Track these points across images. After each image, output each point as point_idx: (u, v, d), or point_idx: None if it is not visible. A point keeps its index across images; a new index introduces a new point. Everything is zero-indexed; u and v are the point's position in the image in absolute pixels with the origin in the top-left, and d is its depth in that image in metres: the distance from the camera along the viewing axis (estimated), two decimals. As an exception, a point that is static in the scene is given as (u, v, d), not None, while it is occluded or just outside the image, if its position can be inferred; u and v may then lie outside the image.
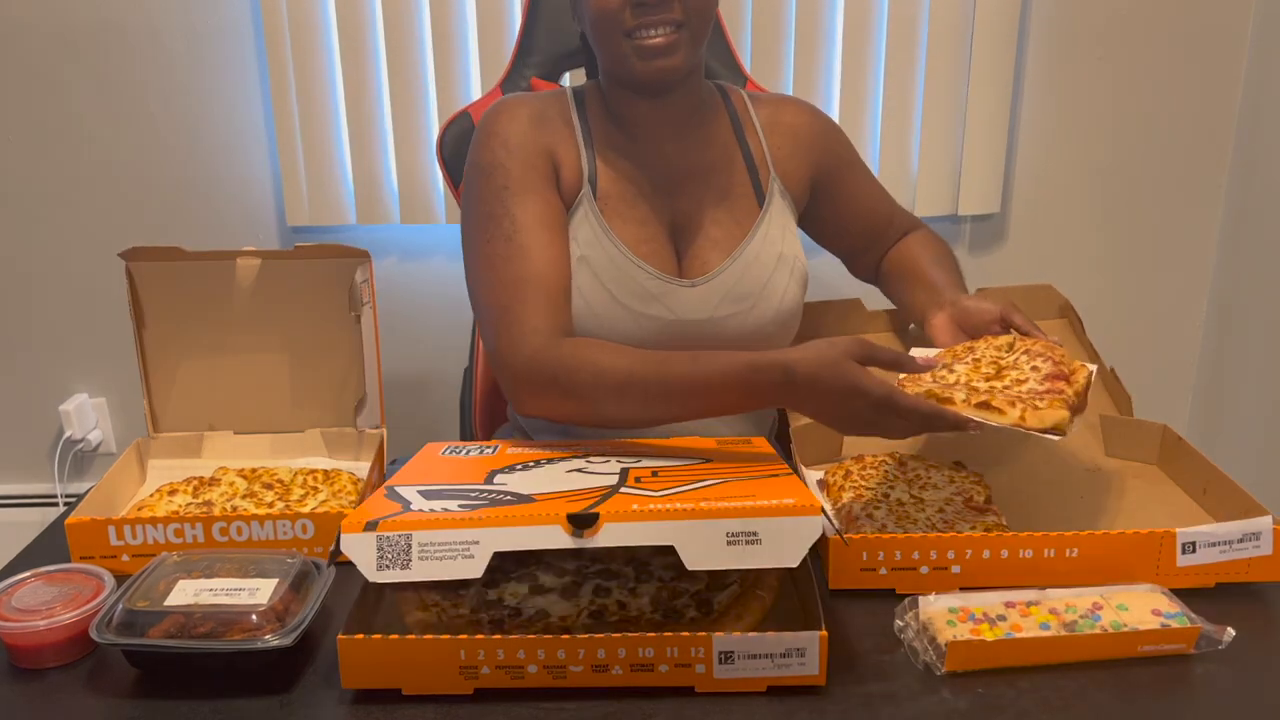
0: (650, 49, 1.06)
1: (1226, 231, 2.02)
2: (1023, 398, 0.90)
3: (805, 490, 0.82)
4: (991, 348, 1.04)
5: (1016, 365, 0.98)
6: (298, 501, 1.06)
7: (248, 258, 1.17)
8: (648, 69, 1.08)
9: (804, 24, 1.87)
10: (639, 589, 0.85)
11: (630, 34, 1.06)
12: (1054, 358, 0.97)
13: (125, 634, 0.79)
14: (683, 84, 1.13)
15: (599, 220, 1.13)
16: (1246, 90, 1.94)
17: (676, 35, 1.06)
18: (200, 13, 1.88)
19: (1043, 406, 0.88)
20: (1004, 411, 0.88)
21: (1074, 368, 0.97)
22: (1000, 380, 0.96)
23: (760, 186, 1.18)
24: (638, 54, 1.07)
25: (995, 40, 1.87)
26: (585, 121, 1.17)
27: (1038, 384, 0.93)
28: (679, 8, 1.05)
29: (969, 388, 0.94)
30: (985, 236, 2.05)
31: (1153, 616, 0.81)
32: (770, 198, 1.18)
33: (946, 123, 1.91)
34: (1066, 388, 0.92)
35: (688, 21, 1.06)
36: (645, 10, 1.05)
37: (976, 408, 0.89)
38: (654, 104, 1.14)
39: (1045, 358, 0.98)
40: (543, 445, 1.06)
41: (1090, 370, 0.98)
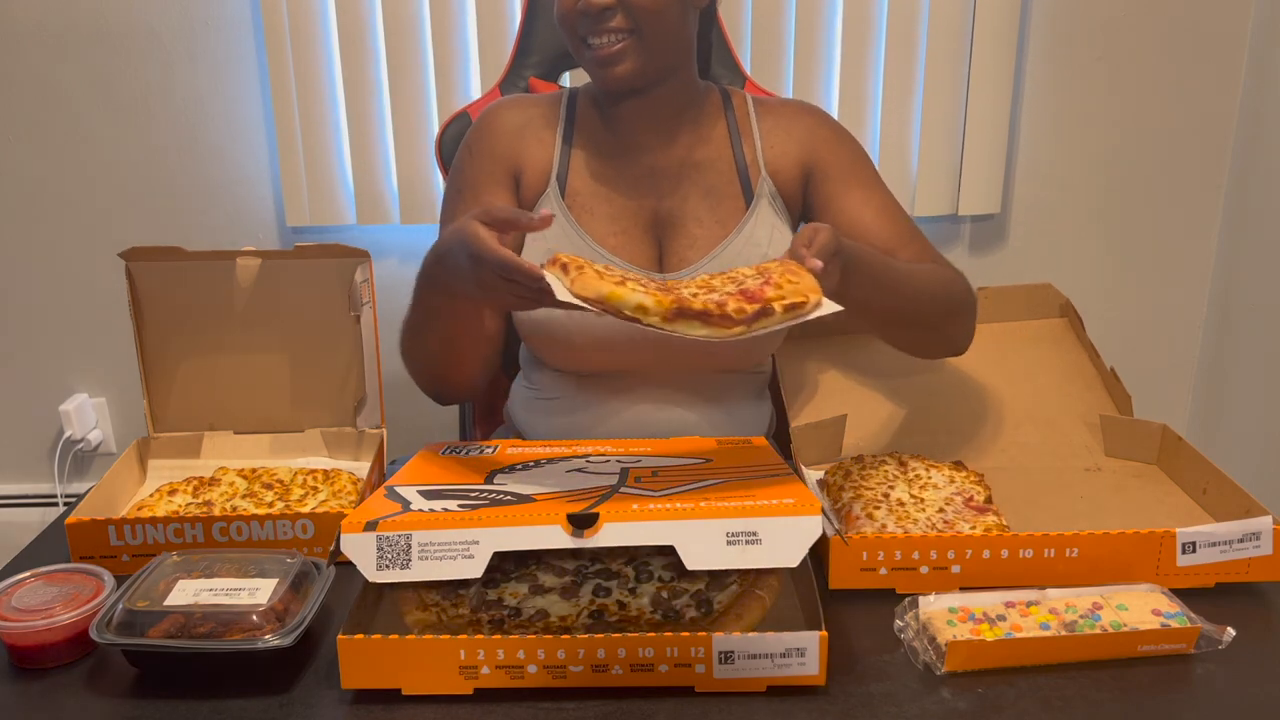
0: (600, 59, 1.09)
1: (1226, 231, 2.02)
2: (683, 295, 0.81)
3: (805, 490, 0.82)
4: None
5: (733, 279, 0.88)
6: (298, 501, 1.06)
7: (248, 258, 1.17)
8: (602, 77, 1.11)
9: (804, 24, 1.87)
10: (639, 589, 0.85)
11: (585, 40, 1.09)
12: (772, 279, 0.84)
13: (125, 634, 0.79)
14: (660, 85, 1.13)
15: (565, 215, 1.16)
16: (1246, 90, 1.94)
17: (625, 43, 1.08)
18: (200, 13, 1.88)
19: (694, 301, 0.80)
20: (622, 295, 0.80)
21: (778, 296, 0.82)
22: (701, 288, 0.87)
23: (749, 187, 1.18)
24: (592, 64, 1.11)
25: (995, 40, 1.87)
26: (571, 121, 1.20)
27: (722, 293, 0.84)
28: (624, 16, 1.06)
29: (655, 288, 0.84)
30: (985, 237, 2.05)
31: (1153, 616, 0.81)
32: (758, 199, 1.17)
33: (947, 123, 1.91)
34: (745, 304, 0.81)
35: (637, 28, 1.07)
36: (592, 20, 1.06)
37: (605, 282, 0.81)
38: (634, 103, 1.15)
39: (764, 278, 0.85)
40: (543, 445, 1.06)
41: (800, 304, 0.82)
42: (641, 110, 1.15)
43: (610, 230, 1.16)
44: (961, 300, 1.13)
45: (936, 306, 1.10)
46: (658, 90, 1.14)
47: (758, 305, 0.80)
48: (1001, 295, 1.31)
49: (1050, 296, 1.31)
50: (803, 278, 0.84)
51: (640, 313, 0.80)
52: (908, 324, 1.10)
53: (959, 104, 1.90)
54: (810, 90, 1.90)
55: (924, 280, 1.09)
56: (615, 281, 0.82)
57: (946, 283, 1.12)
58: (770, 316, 0.80)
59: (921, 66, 1.89)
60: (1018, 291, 1.31)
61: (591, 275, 0.83)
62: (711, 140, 1.19)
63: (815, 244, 0.88)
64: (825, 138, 1.20)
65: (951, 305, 1.12)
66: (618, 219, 1.16)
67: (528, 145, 1.19)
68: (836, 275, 0.90)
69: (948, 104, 1.90)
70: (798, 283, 0.83)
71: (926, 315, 1.10)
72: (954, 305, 1.12)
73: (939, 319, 1.12)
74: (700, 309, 0.80)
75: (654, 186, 1.17)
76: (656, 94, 1.14)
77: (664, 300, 0.80)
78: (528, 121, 1.20)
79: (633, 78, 1.10)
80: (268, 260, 1.17)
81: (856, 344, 1.29)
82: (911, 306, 1.07)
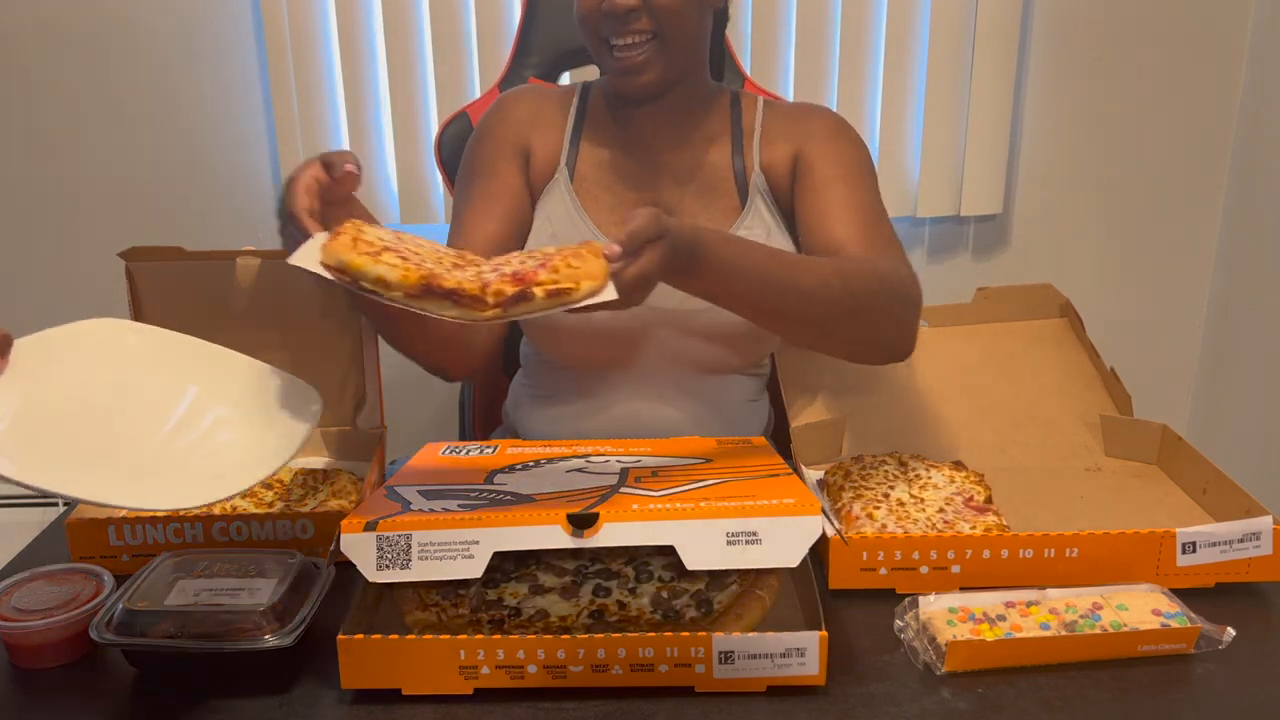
0: (624, 68, 1.09)
1: (1226, 232, 2.02)
2: (436, 272, 0.77)
3: (805, 490, 0.82)
4: None
5: (525, 258, 0.82)
6: (298, 501, 1.06)
7: (248, 258, 1.17)
8: (627, 87, 1.11)
9: (804, 24, 1.87)
10: (639, 589, 0.85)
11: (607, 42, 1.08)
12: (550, 262, 0.79)
13: (125, 634, 0.79)
14: (676, 88, 1.14)
15: (573, 199, 1.17)
16: (1246, 91, 1.94)
17: (648, 50, 1.08)
18: (200, 13, 1.88)
19: (446, 279, 0.76)
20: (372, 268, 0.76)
21: (550, 280, 0.77)
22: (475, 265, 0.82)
23: (745, 188, 1.18)
24: (615, 73, 1.11)
25: (996, 40, 1.87)
26: (583, 113, 1.21)
27: (498, 272, 0.79)
28: (648, 18, 1.06)
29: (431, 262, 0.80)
30: (988, 237, 2.05)
31: (1153, 616, 0.81)
32: (752, 198, 1.17)
33: (948, 124, 1.91)
34: (508, 287, 0.76)
35: (660, 30, 1.07)
36: (616, 21, 1.06)
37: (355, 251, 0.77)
38: (648, 106, 1.16)
39: (543, 260, 0.80)
40: (543, 445, 1.06)
41: (566, 290, 0.77)
42: (653, 112, 1.16)
43: (612, 220, 1.17)
44: (883, 300, 1.01)
45: (838, 304, 0.97)
46: (672, 93, 1.14)
47: (518, 288, 0.76)
48: (1002, 295, 1.31)
49: (1050, 297, 1.31)
50: (587, 262, 0.79)
51: (380, 286, 0.76)
52: (801, 321, 0.98)
53: (960, 104, 1.90)
54: (810, 90, 1.90)
55: (824, 275, 0.97)
56: (372, 251, 0.77)
57: (862, 278, 1.00)
58: (530, 302, 0.76)
59: (923, 67, 1.89)
60: (1018, 291, 1.31)
61: (346, 242, 0.78)
62: (714, 142, 1.19)
63: (626, 228, 0.82)
64: (821, 135, 1.17)
65: (867, 303, 1.00)
66: (619, 209, 1.17)
67: (539, 131, 1.20)
68: (657, 262, 0.82)
69: (949, 104, 1.90)
70: (578, 267, 0.78)
71: (825, 312, 0.97)
72: (869, 304, 1.00)
73: (844, 317, 0.99)
74: (450, 288, 0.75)
75: (655, 182, 1.18)
76: (670, 96, 1.15)
77: (410, 275, 0.76)
78: (540, 109, 1.21)
79: (657, 85, 1.11)
80: (268, 260, 1.17)
81: (856, 344, 1.29)
82: (797, 300, 0.95)
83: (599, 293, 0.78)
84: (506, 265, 0.80)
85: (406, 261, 0.77)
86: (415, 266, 0.77)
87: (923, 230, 2.05)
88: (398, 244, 0.82)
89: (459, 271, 0.78)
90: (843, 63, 1.89)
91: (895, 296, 1.03)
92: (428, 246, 0.85)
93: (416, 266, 0.77)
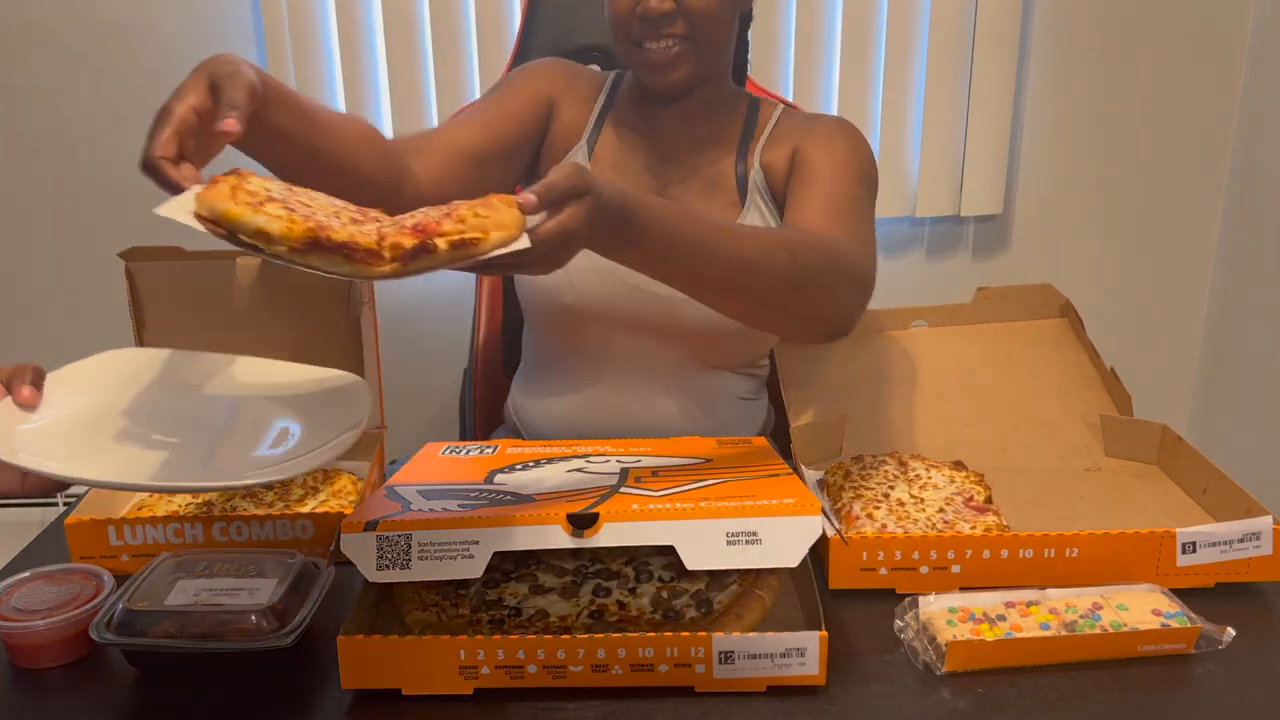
0: (656, 65, 1.09)
1: (1226, 231, 2.02)
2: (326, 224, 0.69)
3: (805, 490, 0.82)
4: None
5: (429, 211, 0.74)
6: (298, 501, 1.06)
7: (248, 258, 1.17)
8: (655, 83, 1.12)
9: (804, 24, 1.87)
10: (639, 589, 0.85)
11: (639, 43, 1.09)
12: (457, 212, 0.71)
13: (125, 634, 0.79)
14: (702, 88, 1.15)
15: None
16: (1246, 91, 1.94)
17: (682, 49, 1.08)
18: (200, 12, 1.88)
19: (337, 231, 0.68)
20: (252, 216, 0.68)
21: (455, 230, 0.70)
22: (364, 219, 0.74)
23: (745, 187, 1.18)
24: (645, 68, 1.11)
25: (996, 41, 1.87)
26: (613, 98, 1.22)
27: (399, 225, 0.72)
28: (683, 22, 1.07)
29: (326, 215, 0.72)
30: (988, 237, 2.05)
31: (1153, 616, 0.81)
32: (750, 195, 1.18)
33: (949, 124, 1.91)
34: (407, 239, 0.69)
35: (694, 33, 1.08)
36: (650, 25, 1.07)
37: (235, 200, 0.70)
38: (674, 104, 1.17)
39: (449, 210, 0.72)
40: (543, 445, 1.06)
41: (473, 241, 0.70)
42: (676, 111, 1.17)
43: None
44: (829, 278, 0.97)
45: (784, 277, 0.93)
46: (696, 93, 1.15)
47: (418, 240, 0.68)
48: (1002, 295, 1.31)
49: (1050, 297, 1.31)
50: (498, 211, 0.71)
51: (261, 239, 0.68)
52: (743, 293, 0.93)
53: (961, 105, 1.90)
54: (810, 90, 1.90)
55: (770, 246, 0.92)
56: (254, 201, 0.69)
57: (809, 251, 0.96)
58: (432, 255, 0.69)
59: (923, 67, 1.89)
60: (1018, 291, 1.31)
61: (224, 190, 0.70)
62: (724, 144, 1.20)
63: (547, 180, 0.75)
64: (821, 134, 1.16)
65: (813, 279, 0.95)
66: None
67: (571, 98, 1.22)
68: (581, 218, 0.75)
69: (949, 105, 1.90)
70: (487, 216, 0.71)
71: (769, 284, 0.92)
72: (815, 279, 0.95)
73: (788, 290, 0.94)
74: (341, 241, 0.68)
75: (663, 173, 1.19)
76: (694, 96, 1.15)
77: (295, 227, 0.68)
78: (576, 80, 1.23)
79: (685, 83, 1.11)
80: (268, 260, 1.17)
81: (857, 344, 1.29)
82: (740, 271, 0.90)
83: (510, 243, 0.71)
84: (409, 219, 0.72)
85: (294, 213, 0.70)
86: (303, 219, 0.69)
87: (922, 230, 2.05)
88: (287, 195, 0.74)
89: (354, 226, 0.71)
90: (843, 63, 1.89)
91: (842, 275, 0.98)
92: (322, 200, 0.77)
93: (304, 219, 0.69)
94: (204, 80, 0.79)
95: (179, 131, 0.77)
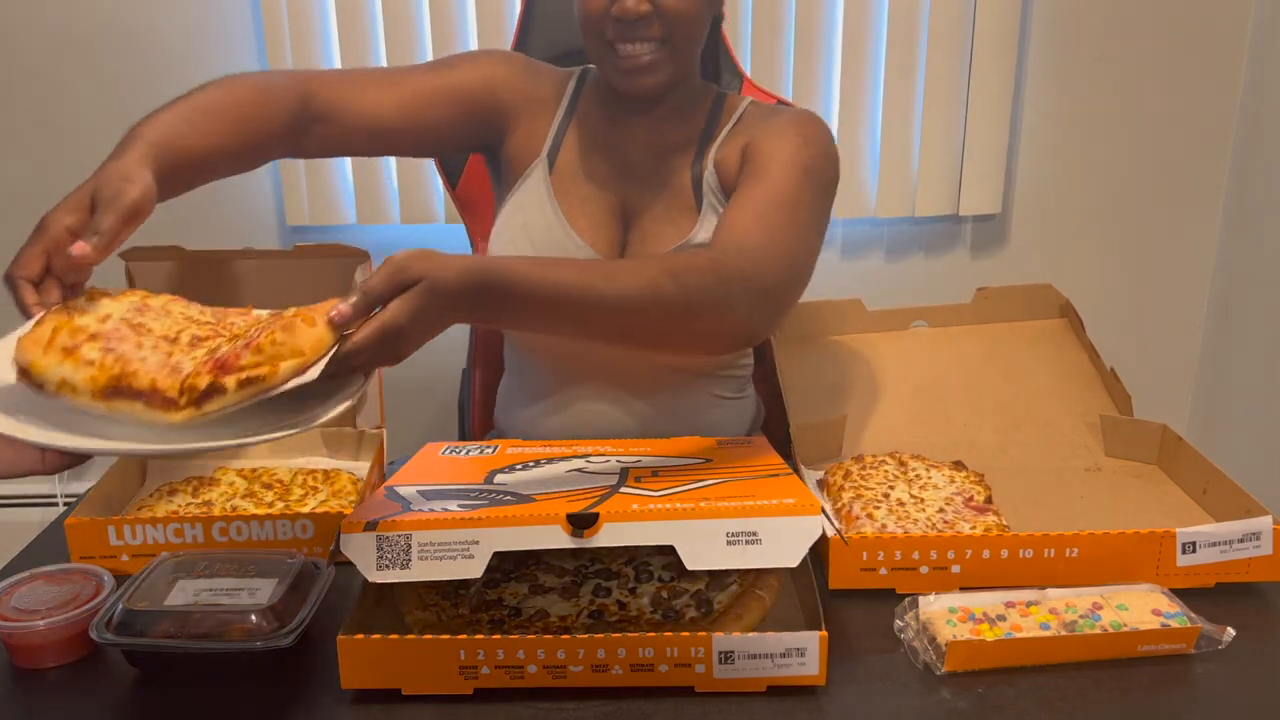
0: (630, 69, 1.07)
1: (1226, 231, 2.02)
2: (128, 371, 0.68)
3: (805, 490, 0.82)
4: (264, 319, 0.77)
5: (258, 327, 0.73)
6: (298, 501, 1.06)
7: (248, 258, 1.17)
8: (628, 87, 1.09)
9: (804, 24, 1.87)
10: (639, 589, 0.85)
11: (613, 45, 1.06)
12: (256, 341, 0.69)
13: (125, 634, 0.79)
14: (673, 91, 1.12)
15: (548, 189, 1.15)
16: (1246, 90, 1.94)
17: (658, 53, 1.06)
18: (200, 12, 1.88)
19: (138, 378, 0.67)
20: None
21: (252, 363, 0.68)
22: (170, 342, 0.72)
23: (700, 190, 1.14)
24: (618, 72, 1.08)
25: (996, 40, 1.87)
26: (576, 99, 1.19)
27: (205, 356, 0.70)
28: (659, 25, 1.04)
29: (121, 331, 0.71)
30: (986, 237, 2.05)
31: (1153, 616, 0.81)
32: (705, 196, 1.14)
33: (947, 123, 1.91)
34: (200, 379, 0.67)
35: (670, 36, 1.06)
36: (626, 27, 1.04)
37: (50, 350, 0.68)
38: (643, 105, 1.14)
39: (251, 340, 0.70)
40: (543, 445, 1.06)
41: (259, 379, 0.68)
42: (647, 115, 1.15)
43: (582, 212, 1.15)
44: (719, 295, 0.91)
45: (672, 303, 0.88)
46: (668, 97, 1.13)
47: (211, 380, 0.68)
48: (1001, 295, 1.31)
49: (1050, 297, 1.31)
50: (297, 336, 0.69)
51: (67, 390, 0.68)
52: (636, 331, 0.91)
53: (960, 104, 1.90)
54: (810, 90, 1.90)
55: (650, 276, 0.87)
56: (70, 345, 0.68)
57: (695, 272, 0.90)
58: (223, 395, 0.68)
59: (922, 67, 1.89)
60: (1017, 292, 1.31)
61: (43, 334, 0.69)
62: (686, 145, 1.16)
63: (365, 285, 0.73)
64: (774, 130, 1.10)
65: (703, 298, 0.90)
66: (590, 201, 1.16)
67: (530, 112, 1.18)
68: (408, 313, 0.72)
69: (948, 104, 1.90)
70: (284, 344, 0.69)
71: (658, 316, 0.88)
72: (705, 299, 0.90)
73: (681, 316, 0.90)
74: (143, 388, 0.67)
75: (625, 180, 1.16)
76: (665, 100, 1.13)
77: (100, 377, 0.67)
78: (537, 88, 1.18)
79: (660, 88, 1.09)
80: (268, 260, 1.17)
81: (857, 344, 1.29)
82: (624, 311, 0.86)
83: (303, 372, 0.69)
84: (227, 344, 0.72)
85: (108, 354, 0.68)
86: (112, 363, 0.68)
87: (921, 230, 2.05)
88: (115, 328, 0.72)
89: (181, 355, 0.70)
90: (843, 63, 1.89)
91: (741, 288, 0.93)
92: (176, 315, 0.76)
93: (114, 362, 0.68)
94: (86, 197, 0.80)
95: (47, 250, 0.77)
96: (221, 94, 1.00)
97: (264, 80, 1.05)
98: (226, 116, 0.98)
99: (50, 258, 0.77)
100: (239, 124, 0.99)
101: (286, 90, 1.05)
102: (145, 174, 0.83)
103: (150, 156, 0.86)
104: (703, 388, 1.21)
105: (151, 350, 0.71)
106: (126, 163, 0.84)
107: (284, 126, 1.04)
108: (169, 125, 0.93)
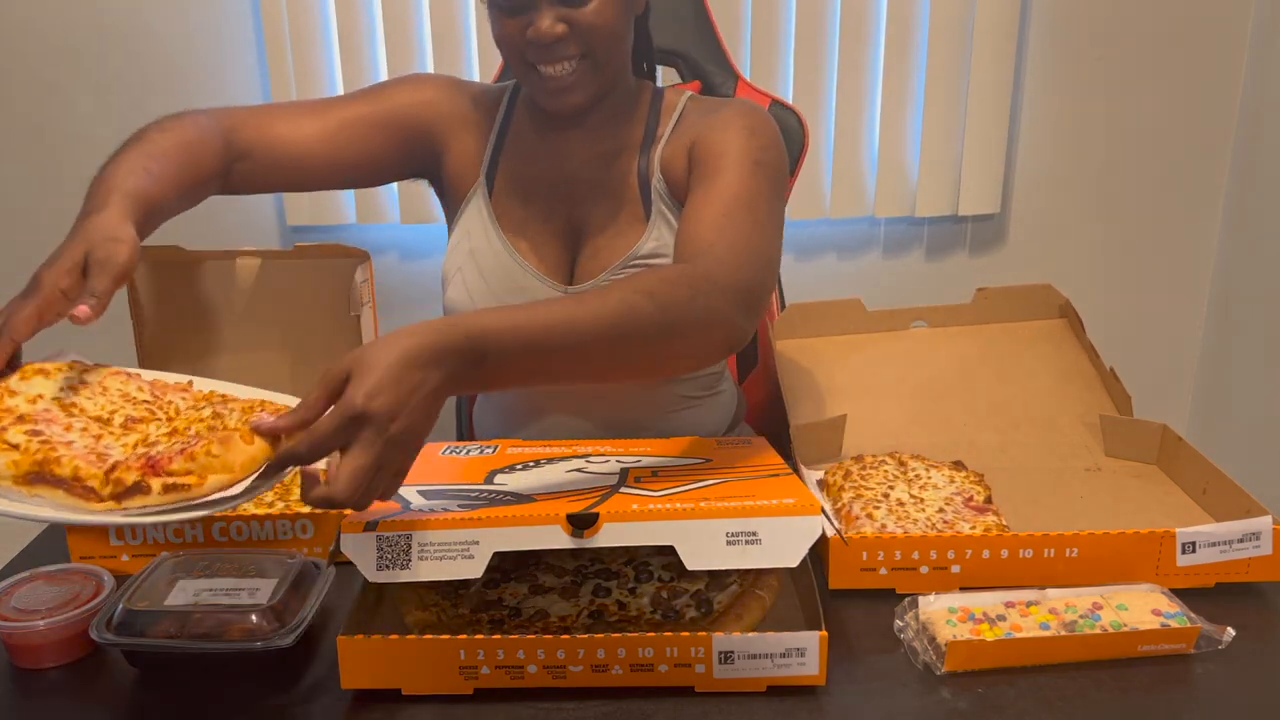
0: (555, 88, 1.05)
1: (1226, 231, 2.02)
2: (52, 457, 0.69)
3: (805, 490, 0.82)
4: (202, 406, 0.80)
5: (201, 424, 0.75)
6: (298, 501, 1.06)
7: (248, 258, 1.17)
8: (553, 106, 1.08)
9: (804, 24, 1.87)
10: (639, 589, 0.85)
11: (534, 66, 1.04)
12: (191, 449, 0.70)
13: (125, 634, 0.79)
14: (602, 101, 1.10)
15: (489, 212, 1.14)
16: (1246, 90, 1.94)
17: (578, 69, 1.04)
18: (200, 13, 1.88)
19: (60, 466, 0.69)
20: None
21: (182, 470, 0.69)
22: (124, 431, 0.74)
23: (649, 199, 1.12)
24: (542, 93, 1.07)
25: (995, 40, 1.87)
26: (510, 117, 1.17)
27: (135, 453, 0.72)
28: (576, 43, 1.02)
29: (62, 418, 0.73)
30: (986, 237, 2.05)
31: (1152, 616, 0.81)
32: (655, 204, 1.11)
33: (947, 123, 1.91)
34: (127, 476, 0.69)
35: (591, 52, 1.04)
36: (543, 50, 1.02)
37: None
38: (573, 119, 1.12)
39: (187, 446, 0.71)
40: (543, 445, 1.06)
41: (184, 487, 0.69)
42: (580, 122, 1.12)
43: (526, 235, 1.13)
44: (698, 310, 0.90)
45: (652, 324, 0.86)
46: (598, 107, 1.11)
47: (138, 477, 0.69)
48: (1001, 295, 1.31)
49: (1050, 297, 1.31)
50: (231, 450, 0.69)
51: None
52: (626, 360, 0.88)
53: (959, 104, 1.90)
54: (810, 90, 1.90)
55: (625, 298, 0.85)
56: None
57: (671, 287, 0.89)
58: (146, 495, 0.69)
59: (922, 67, 1.89)
60: (1017, 292, 1.31)
61: None
62: (627, 149, 1.13)
63: (314, 426, 0.70)
64: (718, 125, 1.08)
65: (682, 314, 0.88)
66: (533, 223, 1.14)
67: (464, 134, 1.16)
68: (374, 451, 0.69)
69: (948, 104, 1.90)
70: (216, 458, 0.69)
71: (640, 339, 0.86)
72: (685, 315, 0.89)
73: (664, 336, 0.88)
74: (64, 476, 0.69)
75: (569, 194, 1.14)
76: (595, 111, 1.11)
77: (22, 462, 0.69)
78: (470, 111, 1.16)
79: (586, 104, 1.07)
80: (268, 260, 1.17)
81: (857, 344, 1.29)
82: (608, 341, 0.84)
83: (228, 488, 0.69)
84: (157, 446, 0.73)
85: (33, 439, 0.70)
86: (37, 448, 0.69)
87: (921, 230, 2.04)
88: (45, 409, 0.74)
89: (111, 439, 0.71)
90: (842, 63, 1.89)
91: (719, 296, 0.92)
92: (113, 393, 0.78)
93: (38, 448, 0.69)
94: (79, 258, 0.81)
95: (41, 311, 0.79)
96: (167, 138, 1.02)
97: (194, 121, 1.05)
98: (175, 161, 1.00)
99: (43, 319, 0.79)
100: (184, 168, 1.01)
101: (212, 129, 1.06)
102: (130, 231, 0.85)
103: (129, 210, 0.89)
104: (668, 389, 1.18)
105: (80, 433, 0.73)
106: (110, 220, 0.86)
107: (213, 167, 1.05)
108: (135, 175, 0.95)
